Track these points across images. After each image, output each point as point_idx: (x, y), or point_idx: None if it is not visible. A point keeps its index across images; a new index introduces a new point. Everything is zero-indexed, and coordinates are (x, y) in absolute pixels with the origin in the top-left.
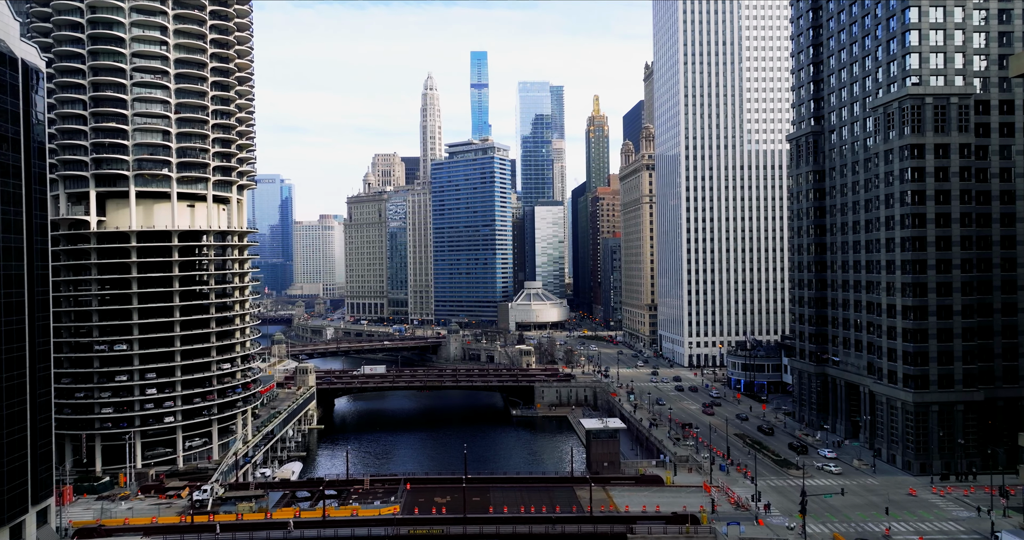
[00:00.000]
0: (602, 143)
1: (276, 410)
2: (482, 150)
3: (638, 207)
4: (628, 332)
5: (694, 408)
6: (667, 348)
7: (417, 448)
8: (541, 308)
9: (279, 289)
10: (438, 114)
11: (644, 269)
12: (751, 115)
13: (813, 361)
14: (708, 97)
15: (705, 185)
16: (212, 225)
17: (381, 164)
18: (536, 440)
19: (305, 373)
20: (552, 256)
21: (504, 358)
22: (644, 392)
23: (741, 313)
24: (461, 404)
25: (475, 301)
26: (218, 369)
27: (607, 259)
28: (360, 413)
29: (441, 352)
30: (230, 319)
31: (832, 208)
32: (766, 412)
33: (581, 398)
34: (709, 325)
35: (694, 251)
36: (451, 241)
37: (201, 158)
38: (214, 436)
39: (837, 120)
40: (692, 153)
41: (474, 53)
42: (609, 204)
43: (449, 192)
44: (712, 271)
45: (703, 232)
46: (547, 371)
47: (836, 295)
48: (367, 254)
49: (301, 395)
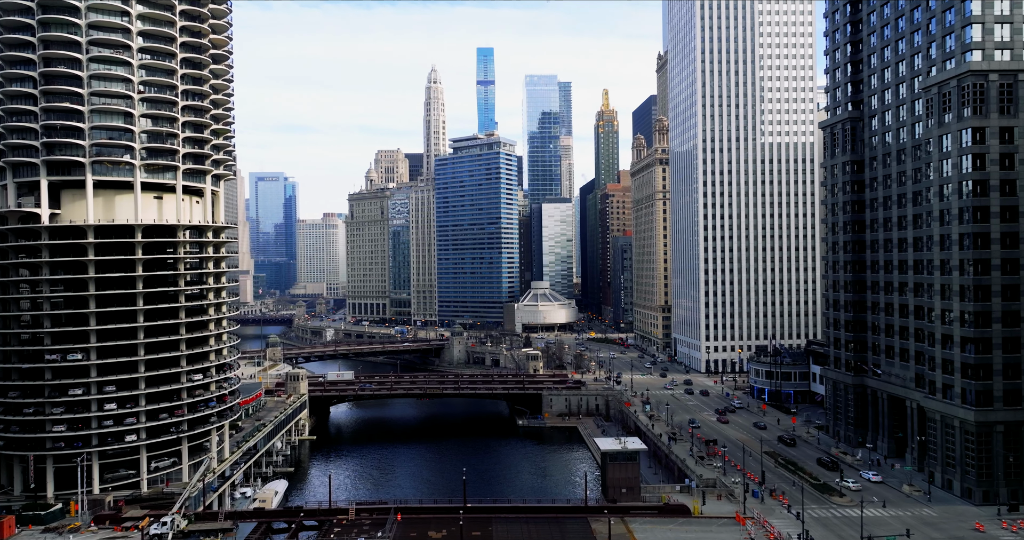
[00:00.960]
0: (612, 139)
1: (261, 422)
2: (487, 145)
3: (650, 204)
4: (640, 334)
5: (716, 420)
6: (682, 352)
7: (415, 463)
8: (548, 309)
9: (283, 288)
10: (442, 108)
11: (657, 269)
12: (773, 105)
13: (850, 371)
14: (727, 87)
15: (723, 180)
16: (183, 219)
17: (384, 160)
18: (544, 454)
19: (296, 380)
20: (560, 255)
21: (510, 362)
22: (661, 402)
23: (761, 315)
24: (464, 412)
25: (480, 302)
26: (189, 380)
27: (617, 258)
28: (357, 422)
29: (444, 355)
30: (203, 324)
31: (873, 202)
32: (796, 426)
33: (592, 407)
34: (727, 328)
35: (711, 250)
36: (455, 239)
37: (169, 144)
38: (184, 455)
39: (879, 104)
40: (710, 146)
41: (480, 49)
42: (619, 201)
43: (453, 189)
44: (730, 271)
45: (721, 229)
46: (555, 377)
47: (878, 298)
48: (369, 253)
49: (291, 404)
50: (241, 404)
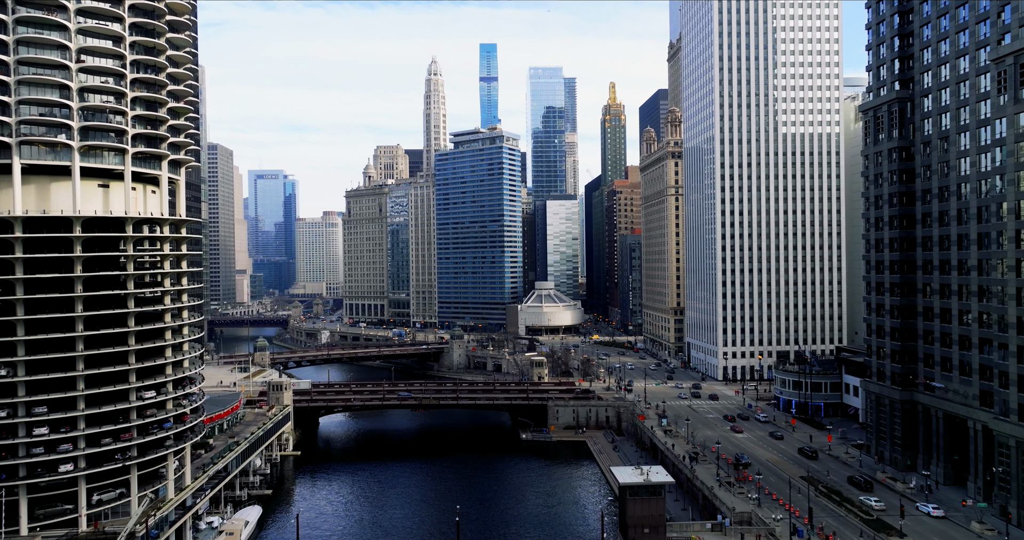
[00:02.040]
0: (618, 134)
1: (235, 439)
2: (490, 139)
3: (662, 200)
4: (650, 338)
5: (742, 437)
6: (697, 358)
7: (409, 483)
8: (553, 311)
9: (282, 288)
10: (443, 101)
11: (668, 268)
12: (795, 93)
13: (896, 384)
14: (746, 73)
15: (742, 173)
16: (133, 211)
17: (383, 156)
18: (551, 474)
19: (280, 389)
20: (565, 254)
21: (513, 367)
22: (679, 415)
23: (783, 319)
24: (463, 422)
25: (482, 303)
26: (139, 398)
27: (625, 257)
28: (348, 434)
29: (443, 360)
30: (158, 333)
31: (925, 193)
32: (832, 444)
33: (602, 419)
34: (747, 333)
35: (729, 248)
36: (456, 238)
37: (115, 122)
38: (133, 486)
39: (933, 81)
40: (728, 137)
41: (483, 45)
42: (627, 198)
43: (454, 185)
44: (751, 271)
45: (740, 227)
46: (562, 386)
47: (931, 303)
48: (367, 252)
49: (273, 416)
50: (214, 418)
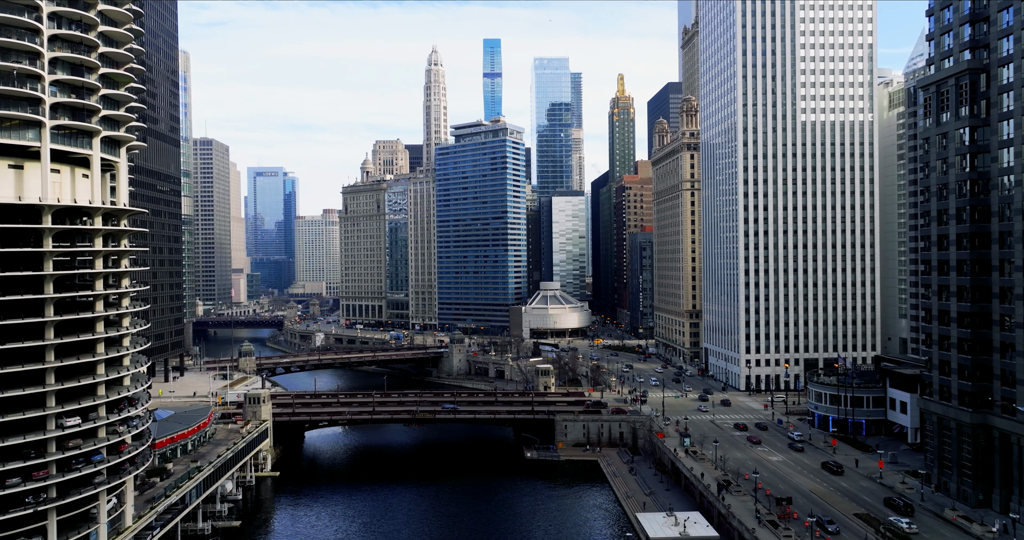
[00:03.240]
0: (627, 127)
1: (196, 464)
2: (492, 132)
3: (676, 195)
4: (662, 342)
5: (777, 461)
6: (716, 366)
7: (400, 512)
8: (559, 313)
9: (281, 288)
10: (443, 92)
11: (683, 268)
12: (827, 78)
13: (966, 405)
14: (772, 56)
15: (768, 165)
16: (52, 197)
17: (383, 151)
18: (559, 500)
19: (257, 402)
20: (572, 253)
21: (516, 374)
22: (701, 432)
23: (812, 324)
24: (463, 436)
25: (484, 304)
26: (59, 427)
27: (635, 257)
28: (336, 450)
29: (442, 365)
30: (88, 346)
31: (1003, 180)
32: (884, 471)
33: (615, 436)
34: (772, 339)
35: (752, 246)
36: (457, 236)
37: (28, 87)
38: (51, 533)
39: (1016, 46)
40: (751, 125)
41: (487, 41)
42: (637, 194)
43: (455, 180)
44: (775, 271)
45: (765, 223)
46: (570, 397)
47: (1012, 310)
48: (364, 250)
49: (247, 433)
50: (176, 438)
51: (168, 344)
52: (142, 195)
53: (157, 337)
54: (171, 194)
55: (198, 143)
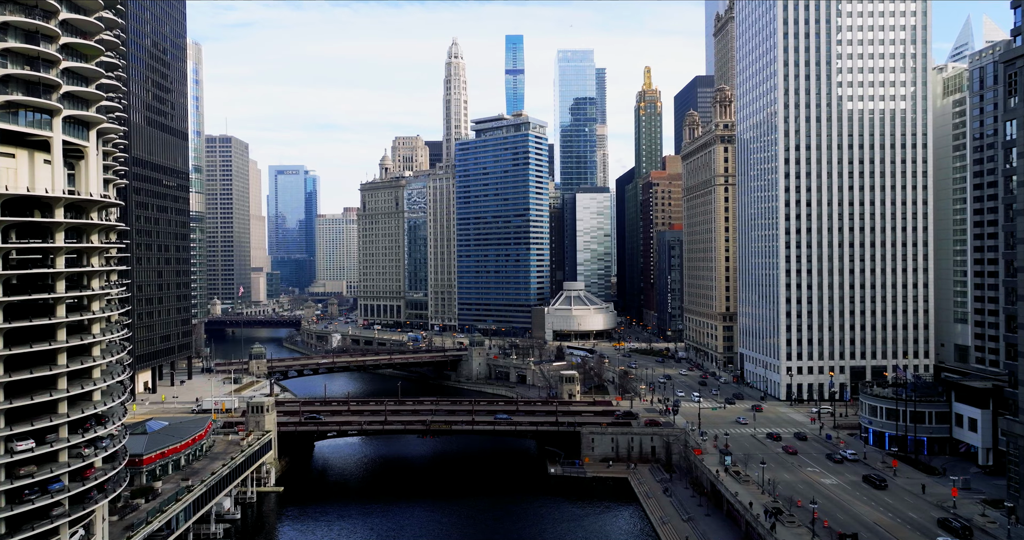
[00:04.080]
0: (654, 122)
1: (188, 483)
2: (515, 126)
3: (708, 190)
4: (693, 346)
5: (831, 484)
6: (752, 372)
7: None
8: (584, 314)
9: (302, 287)
10: (464, 86)
11: (716, 268)
12: (876, 63)
13: None
14: (816, 39)
15: (811, 157)
16: (9, 185)
17: (402, 148)
18: (587, 524)
19: (260, 412)
20: (596, 252)
21: (539, 379)
22: (744, 449)
23: (859, 329)
24: (482, 447)
25: (505, 305)
26: (8, 451)
27: (663, 256)
28: (347, 462)
29: (461, 369)
30: (47, 357)
31: None
32: (957, 499)
33: (647, 450)
34: (815, 345)
35: (795, 245)
36: (478, 234)
37: None
38: None
39: None
40: (794, 114)
41: (509, 37)
42: (665, 191)
43: (476, 176)
44: (819, 272)
45: (808, 220)
46: (597, 405)
47: None
48: (383, 249)
49: (248, 446)
50: (167, 453)
51: (175, 346)
52: (146, 190)
53: (163, 339)
54: (178, 189)
55: (217, 140)
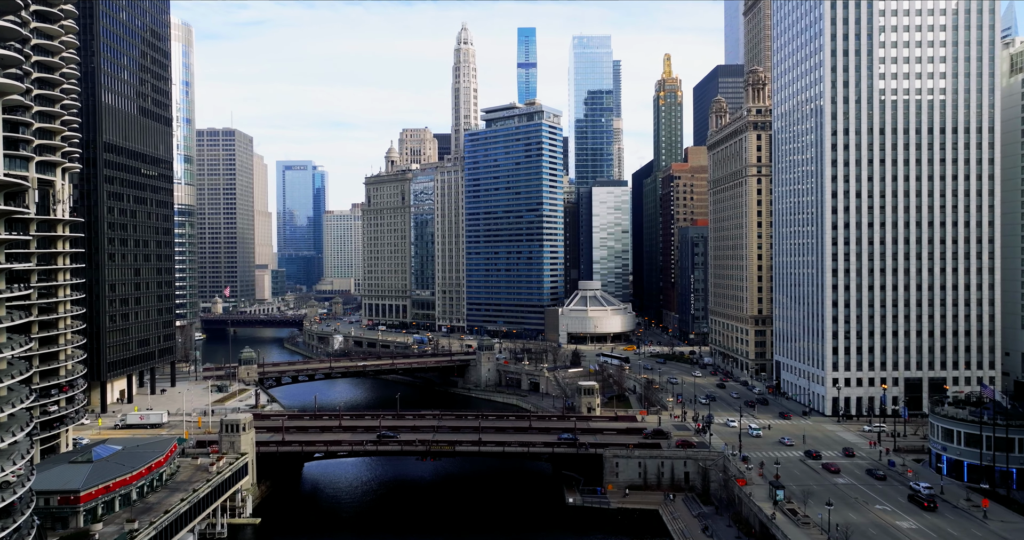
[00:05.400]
0: (674, 112)
1: (133, 525)
2: (527, 116)
3: (739, 182)
4: (719, 352)
5: (909, 528)
6: (792, 383)
7: None
8: (600, 315)
9: (310, 284)
10: (473, 73)
11: (747, 266)
12: (943, 35)
13: None
14: (869, 9)
15: (863, 143)
16: None
17: (410, 140)
18: None
19: (235, 431)
20: (614, 249)
21: (553, 387)
22: (793, 478)
23: (914, 336)
24: (490, 467)
25: (516, 305)
26: None
27: (686, 254)
28: (339, 487)
29: (469, 375)
30: None
31: None
32: None
33: (679, 477)
34: (865, 353)
35: (843, 241)
36: (488, 230)
37: None
38: None
39: None
40: (843, 94)
41: (521, 30)
42: (687, 184)
43: (486, 169)
44: (872, 272)
45: (858, 214)
46: (619, 421)
47: None
48: (388, 245)
49: (218, 471)
50: (112, 487)
51: (155, 351)
52: (121, 179)
53: (141, 343)
54: (160, 179)
55: (220, 133)
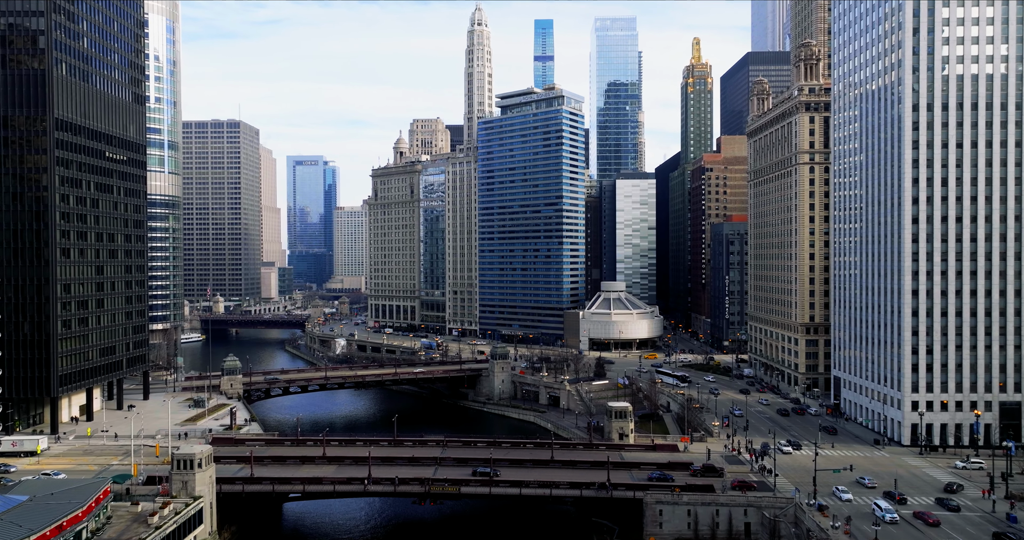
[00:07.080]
0: (704, 100)
1: None
2: (546, 101)
3: (787, 172)
4: (761, 362)
5: None
6: (856, 404)
7: None
8: (625, 319)
9: (320, 282)
10: (488, 57)
11: (797, 267)
12: None
13: None
14: None
15: (951, 123)
16: None
17: (420, 131)
18: None
19: (187, 468)
20: (640, 248)
21: (575, 403)
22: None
23: (1012, 350)
24: (504, 511)
25: (533, 308)
26: None
27: (720, 252)
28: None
29: (481, 386)
30: None
31: None
32: None
33: (738, 529)
34: (951, 372)
35: (925, 240)
36: (503, 226)
37: None
38: None
39: None
40: (928, 64)
41: (538, 22)
42: (720, 176)
43: (501, 160)
44: (961, 274)
45: (944, 206)
46: (659, 452)
47: None
48: (396, 242)
49: (161, 521)
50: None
51: (122, 360)
52: (79, 162)
53: (105, 352)
54: (129, 164)
55: (225, 125)
